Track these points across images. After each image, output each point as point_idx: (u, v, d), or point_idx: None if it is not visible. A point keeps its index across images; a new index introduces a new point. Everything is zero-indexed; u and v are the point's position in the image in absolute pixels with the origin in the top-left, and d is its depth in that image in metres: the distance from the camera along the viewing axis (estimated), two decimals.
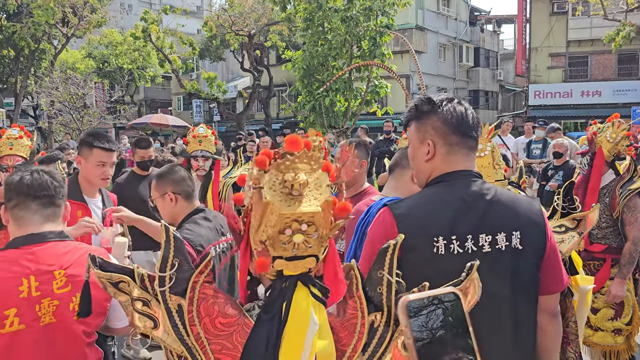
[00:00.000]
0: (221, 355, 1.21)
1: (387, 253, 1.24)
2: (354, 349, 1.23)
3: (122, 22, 27.33)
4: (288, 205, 1.09)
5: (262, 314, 1.18)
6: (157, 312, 1.23)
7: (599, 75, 25.11)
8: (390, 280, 1.23)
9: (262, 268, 1.14)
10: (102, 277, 1.23)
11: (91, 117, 20.78)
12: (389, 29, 11.80)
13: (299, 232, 1.11)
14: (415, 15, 26.81)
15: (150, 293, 1.24)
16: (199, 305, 1.22)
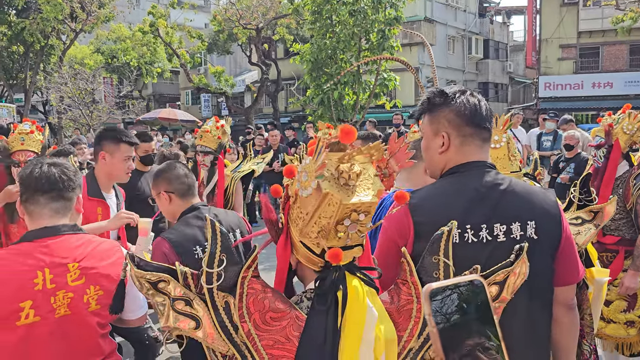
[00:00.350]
0: (273, 350, 1.18)
1: (442, 239, 1.29)
2: (410, 334, 1.25)
3: (129, 17, 27.39)
4: (347, 195, 1.10)
5: (317, 306, 1.18)
6: (200, 311, 1.20)
7: (610, 66, 24.82)
8: (447, 263, 1.27)
9: (335, 259, 1.15)
10: (141, 276, 1.21)
11: (100, 112, 20.86)
12: (398, 22, 11.70)
13: (357, 221, 1.13)
14: (423, 7, 26.61)
15: (193, 291, 1.21)
16: (248, 301, 1.20)
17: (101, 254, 1.92)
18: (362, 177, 1.15)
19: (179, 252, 2.39)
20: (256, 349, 1.19)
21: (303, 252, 1.22)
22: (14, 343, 1.74)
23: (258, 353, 1.19)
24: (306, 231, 1.17)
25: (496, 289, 1.28)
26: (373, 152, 1.16)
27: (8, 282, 1.73)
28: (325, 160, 1.11)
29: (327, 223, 1.13)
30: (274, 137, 9.32)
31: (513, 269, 1.29)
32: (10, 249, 1.86)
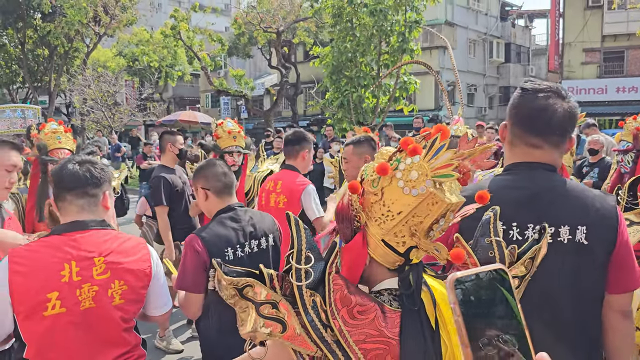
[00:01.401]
0: (366, 344, 1.15)
1: (490, 223, 1.39)
2: None
3: (151, 20, 27.76)
4: (444, 195, 1.12)
5: (409, 305, 1.18)
6: (286, 314, 1.18)
7: (635, 70, 24.34)
8: (499, 241, 1.36)
9: (458, 259, 1.17)
10: (229, 282, 1.18)
11: (122, 115, 21.14)
12: (418, 24, 11.64)
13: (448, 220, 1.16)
14: (444, 11, 26.45)
15: (279, 293, 1.19)
16: (335, 297, 1.17)
17: (127, 250, 1.97)
18: None
19: (210, 252, 2.41)
20: (348, 345, 1.15)
21: (383, 250, 1.20)
22: (41, 333, 1.79)
23: (350, 349, 1.15)
24: (394, 230, 1.16)
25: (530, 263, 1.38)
26: (479, 154, 1.18)
27: (37, 273, 1.79)
28: (453, 160, 1.11)
29: (421, 222, 1.14)
30: None
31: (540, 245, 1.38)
32: (40, 241, 1.93)
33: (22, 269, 1.79)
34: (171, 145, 4.64)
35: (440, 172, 1.11)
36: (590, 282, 1.59)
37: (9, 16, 22.61)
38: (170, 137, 4.69)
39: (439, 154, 1.12)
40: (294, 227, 1.21)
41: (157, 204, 4.49)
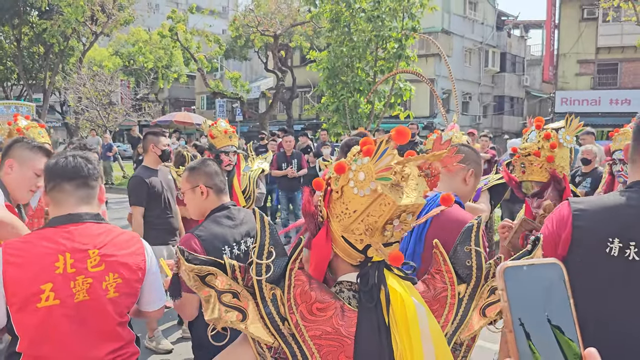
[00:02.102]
0: (321, 340, 1.20)
1: (472, 230, 1.35)
2: (445, 320, 1.31)
3: (148, 21, 27.75)
4: (399, 197, 1.14)
5: (365, 302, 1.21)
6: (246, 304, 1.22)
7: (629, 83, 24.58)
8: (479, 251, 1.33)
9: (397, 261, 1.19)
10: (191, 270, 1.22)
11: (116, 114, 21.07)
12: (415, 31, 11.71)
13: (405, 222, 1.18)
14: (441, 19, 26.61)
15: (240, 284, 1.23)
16: (295, 293, 1.21)
17: (121, 244, 1.98)
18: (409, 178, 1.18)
19: (207, 250, 2.39)
20: (304, 339, 1.20)
21: (343, 246, 1.24)
22: (34, 325, 1.79)
23: (305, 344, 1.20)
24: (351, 227, 1.20)
25: None
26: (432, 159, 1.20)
27: (31, 264, 1.79)
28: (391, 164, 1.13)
29: (375, 222, 1.16)
30: (288, 143, 9.32)
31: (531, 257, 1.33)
32: (34, 233, 1.94)
33: (15, 260, 1.78)
34: (154, 146, 4.58)
35: (382, 174, 1.13)
36: None
37: (5, 13, 22.51)
38: (154, 138, 4.62)
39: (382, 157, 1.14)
40: (258, 222, 1.24)
41: (134, 204, 4.47)
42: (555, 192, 2.25)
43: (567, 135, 2.29)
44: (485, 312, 1.34)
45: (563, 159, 2.30)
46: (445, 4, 26.57)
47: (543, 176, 2.28)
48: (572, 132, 2.35)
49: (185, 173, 2.70)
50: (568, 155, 2.35)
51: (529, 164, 2.33)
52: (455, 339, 1.32)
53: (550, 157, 2.26)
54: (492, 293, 1.34)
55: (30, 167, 2.58)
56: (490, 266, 1.33)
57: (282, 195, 9.32)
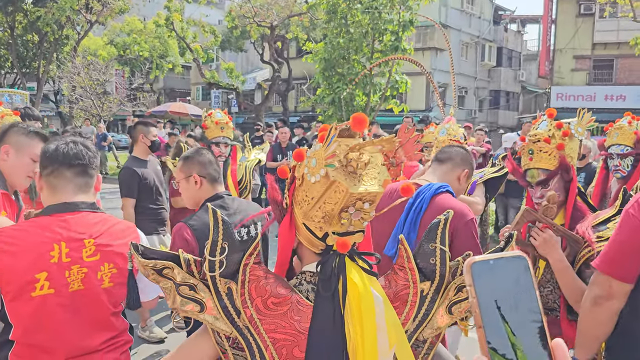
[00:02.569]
0: (276, 334, 1.21)
1: (439, 227, 1.32)
2: (406, 317, 1.30)
3: (144, 10, 27.47)
4: (354, 184, 1.13)
5: (322, 291, 1.22)
6: (204, 296, 1.24)
7: (624, 79, 24.65)
8: (443, 250, 1.30)
9: (344, 248, 1.18)
10: (146, 264, 1.23)
11: (111, 104, 20.93)
12: (412, 24, 11.67)
13: (361, 210, 1.17)
14: (438, 12, 26.54)
15: (197, 277, 1.25)
16: (250, 288, 1.23)
17: (117, 233, 1.97)
18: (370, 166, 1.17)
19: (199, 239, 2.39)
20: (258, 332, 1.22)
21: (305, 234, 1.24)
22: (29, 314, 1.78)
23: (260, 337, 1.22)
24: (310, 215, 1.20)
25: None
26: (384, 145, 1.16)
27: (26, 253, 1.77)
28: (336, 150, 1.13)
29: (332, 209, 1.16)
30: (284, 134, 9.29)
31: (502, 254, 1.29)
32: (30, 221, 1.92)
33: (10, 248, 1.77)
34: (143, 137, 4.55)
35: (329, 161, 1.13)
36: None
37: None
38: (143, 129, 4.59)
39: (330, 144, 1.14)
40: (211, 218, 1.24)
41: (125, 196, 4.45)
42: (562, 182, 2.22)
43: (579, 127, 2.28)
44: (451, 310, 1.31)
45: (573, 150, 2.27)
46: None
47: (551, 164, 2.24)
48: (584, 125, 2.34)
49: (180, 162, 2.69)
50: (577, 147, 2.32)
51: (537, 150, 2.28)
52: (417, 336, 1.31)
53: (561, 145, 2.22)
54: (460, 291, 1.31)
55: (27, 153, 2.53)
56: (458, 263, 1.31)
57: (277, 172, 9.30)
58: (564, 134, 2.23)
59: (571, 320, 2.11)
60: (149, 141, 4.56)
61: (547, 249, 2.05)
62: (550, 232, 2.06)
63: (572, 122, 2.25)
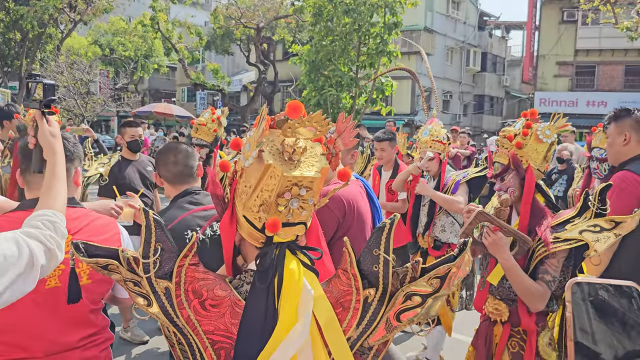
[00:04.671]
0: (214, 336, 1.20)
1: (383, 232, 1.24)
2: (348, 324, 1.25)
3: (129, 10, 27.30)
4: (290, 169, 1.12)
5: (257, 283, 1.19)
6: (149, 292, 1.24)
7: (605, 85, 25.05)
8: (387, 259, 1.23)
9: (273, 228, 1.16)
10: (89, 262, 1.23)
11: (95, 104, 20.74)
12: (397, 27, 11.73)
13: (298, 196, 1.15)
14: (424, 17, 26.75)
15: (139, 274, 1.24)
16: (186, 289, 1.22)
17: (97, 229, 1.92)
18: (308, 154, 1.17)
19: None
20: (197, 333, 1.21)
21: (246, 227, 1.23)
22: (3, 311, 1.67)
23: (199, 337, 1.21)
24: (249, 204, 1.19)
25: (438, 282, 1.25)
26: (316, 125, 1.16)
27: None
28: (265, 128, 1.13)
29: (269, 196, 1.15)
30: None
31: (455, 264, 1.25)
32: (5, 216, 1.85)
33: None
34: (121, 138, 4.62)
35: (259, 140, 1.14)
36: None
37: None
38: (121, 129, 4.67)
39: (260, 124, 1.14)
40: (144, 220, 1.23)
41: (101, 195, 4.46)
42: (517, 178, 2.29)
43: (547, 130, 2.31)
44: (400, 318, 1.26)
45: (536, 152, 2.31)
46: (428, 2, 26.71)
47: (506, 159, 2.35)
48: (554, 129, 2.38)
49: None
50: (544, 150, 2.34)
51: (501, 146, 2.41)
52: (361, 343, 1.26)
53: (519, 144, 2.30)
54: (409, 299, 1.25)
55: None
56: (407, 270, 1.24)
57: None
58: (523, 134, 2.30)
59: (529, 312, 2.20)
60: (126, 141, 4.58)
61: (496, 250, 2.15)
62: (500, 235, 2.14)
63: (542, 125, 2.29)
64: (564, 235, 2.08)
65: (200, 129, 4.55)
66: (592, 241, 2.03)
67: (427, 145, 3.98)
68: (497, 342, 2.29)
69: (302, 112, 1.14)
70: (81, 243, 1.24)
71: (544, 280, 2.10)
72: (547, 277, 2.10)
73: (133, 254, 1.25)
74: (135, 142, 4.59)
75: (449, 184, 3.92)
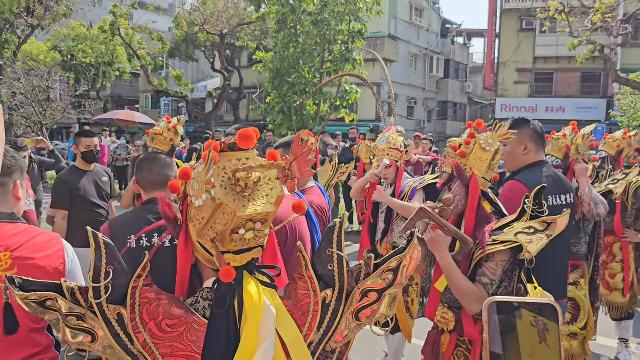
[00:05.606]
0: (173, 358, 1.16)
1: (335, 231, 1.26)
2: (309, 328, 1.25)
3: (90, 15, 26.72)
4: (242, 205, 1.08)
5: (215, 309, 1.16)
6: (94, 325, 1.16)
7: (563, 92, 25.83)
8: (340, 256, 1.24)
9: (226, 277, 1.13)
10: (25, 298, 1.14)
11: (54, 111, 20.18)
12: (361, 35, 11.83)
13: (252, 229, 1.12)
14: (388, 24, 27.08)
15: (84, 306, 1.16)
16: (141, 311, 1.17)
17: (39, 245, 1.85)
18: (262, 181, 1.14)
19: (112, 237, 2.31)
20: (154, 358, 1.17)
21: (202, 252, 1.20)
22: None
23: None
24: (203, 234, 1.16)
25: (391, 275, 1.28)
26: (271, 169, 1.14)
27: None
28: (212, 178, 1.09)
29: (223, 230, 1.12)
30: None
31: (405, 255, 1.29)
32: None
33: None
34: (75, 147, 4.49)
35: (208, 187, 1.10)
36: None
37: None
38: (76, 139, 4.51)
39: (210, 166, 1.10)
40: (92, 242, 1.18)
41: (54, 207, 4.32)
42: (463, 187, 2.32)
43: (490, 139, 2.35)
44: (359, 316, 1.28)
45: (480, 160, 2.33)
46: (392, 10, 27.07)
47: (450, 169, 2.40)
48: (497, 137, 2.43)
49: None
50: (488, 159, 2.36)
51: (447, 156, 2.47)
52: (324, 347, 1.26)
53: (462, 153, 2.35)
54: (365, 296, 1.26)
55: None
56: (361, 267, 1.26)
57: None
58: (466, 143, 2.35)
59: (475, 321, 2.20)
60: (80, 151, 4.45)
61: (434, 247, 2.18)
62: (439, 232, 2.17)
63: (484, 135, 2.34)
64: (501, 238, 2.12)
65: (157, 139, 4.47)
66: (526, 243, 2.06)
67: (384, 153, 4.01)
68: (444, 350, 2.30)
69: (254, 142, 1.11)
70: (17, 278, 1.16)
71: (481, 282, 2.11)
72: (484, 280, 2.12)
73: (77, 284, 1.18)
74: (90, 153, 4.47)
75: (405, 190, 3.96)
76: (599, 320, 4.17)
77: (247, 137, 1.10)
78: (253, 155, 1.15)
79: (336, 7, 11.36)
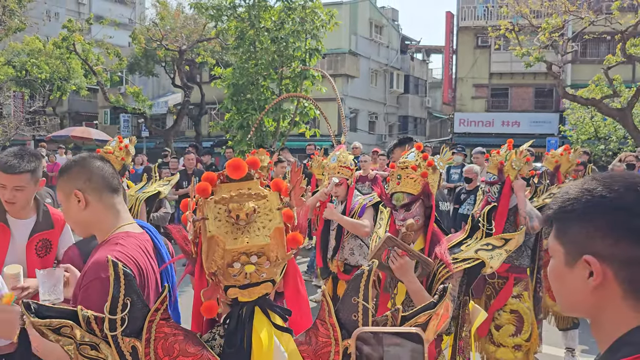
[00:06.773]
0: None
1: (362, 279, 1.20)
2: None
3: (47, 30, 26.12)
4: (234, 237, 1.06)
5: (226, 348, 1.13)
6: (107, 355, 1.12)
7: (518, 106, 26.63)
8: (366, 307, 1.19)
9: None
10: (40, 324, 1.09)
11: (6, 128, 19.56)
12: (318, 52, 11.98)
13: (249, 263, 1.08)
14: (348, 41, 27.44)
15: (99, 336, 1.12)
16: (156, 346, 1.13)
17: None
18: (261, 212, 1.11)
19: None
20: None
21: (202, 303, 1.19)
22: None
23: None
24: (207, 267, 1.14)
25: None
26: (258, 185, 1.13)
27: None
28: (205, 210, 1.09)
29: (221, 264, 1.11)
30: (190, 161, 9.13)
31: (435, 310, 1.24)
32: None
33: None
34: None
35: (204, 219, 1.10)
36: None
37: None
38: None
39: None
40: (112, 272, 1.14)
41: None
42: (422, 207, 2.40)
43: (441, 161, 2.49)
44: None
45: (434, 180, 2.50)
46: (352, 27, 27.47)
47: (415, 189, 2.46)
48: (444, 160, 2.56)
49: None
50: (438, 178, 2.54)
51: (405, 176, 2.50)
52: None
53: (425, 173, 2.45)
54: None
55: None
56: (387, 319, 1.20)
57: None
58: (429, 164, 2.43)
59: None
60: None
61: (402, 273, 2.23)
62: (407, 259, 2.23)
63: (436, 157, 2.46)
64: (462, 256, 2.21)
65: (108, 157, 4.41)
66: (488, 259, 2.16)
67: (334, 172, 4.07)
68: None
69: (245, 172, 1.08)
70: (33, 303, 1.12)
71: None
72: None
73: (94, 313, 1.14)
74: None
75: (355, 208, 4.02)
76: (546, 330, 4.29)
77: (236, 167, 1.08)
78: (255, 185, 1.13)
79: (293, 26, 11.48)
